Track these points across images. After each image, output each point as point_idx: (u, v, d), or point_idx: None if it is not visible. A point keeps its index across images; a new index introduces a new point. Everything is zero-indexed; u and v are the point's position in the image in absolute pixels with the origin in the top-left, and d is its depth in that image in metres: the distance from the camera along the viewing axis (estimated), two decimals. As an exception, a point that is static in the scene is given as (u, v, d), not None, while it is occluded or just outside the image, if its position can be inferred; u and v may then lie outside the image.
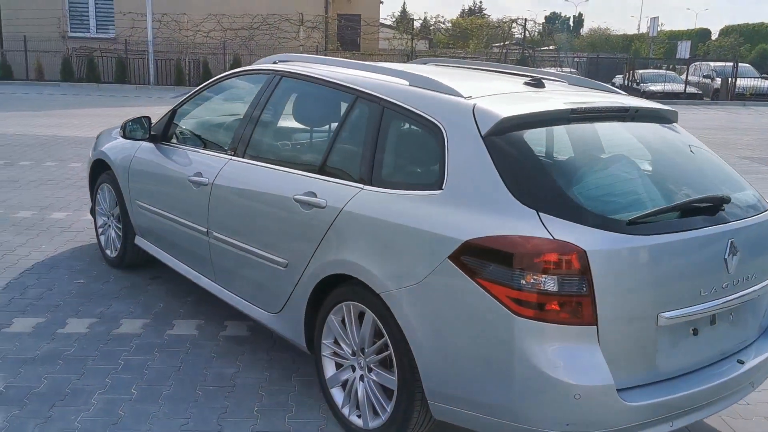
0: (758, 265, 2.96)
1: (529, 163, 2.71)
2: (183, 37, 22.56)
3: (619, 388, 2.53)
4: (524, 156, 2.72)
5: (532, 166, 2.71)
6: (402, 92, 3.14)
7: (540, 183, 2.64)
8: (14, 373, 3.54)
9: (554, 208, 2.55)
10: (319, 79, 3.60)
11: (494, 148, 2.71)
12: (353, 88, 3.35)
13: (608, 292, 2.49)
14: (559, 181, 2.68)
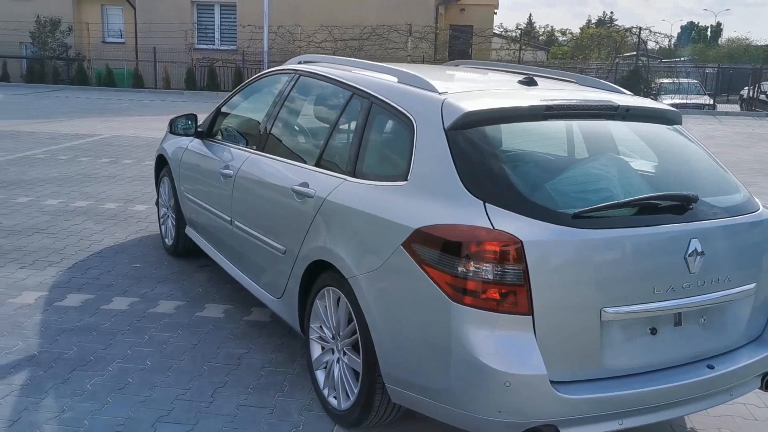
0: (732, 267, 2.85)
1: (483, 156, 2.76)
2: (296, 47, 23.49)
3: (556, 380, 2.54)
4: (480, 150, 2.78)
5: (487, 159, 2.76)
6: (387, 88, 3.27)
7: (491, 176, 2.70)
8: (51, 340, 3.96)
9: (501, 200, 2.60)
10: (326, 77, 3.79)
11: (454, 141, 2.79)
12: (350, 86, 3.52)
13: (545, 283, 2.51)
14: (511, 174, 2.72)
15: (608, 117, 3.16)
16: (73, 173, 8.78)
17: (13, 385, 3.42)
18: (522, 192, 2.65)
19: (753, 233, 2.98)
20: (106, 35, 27.26)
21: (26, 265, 5.19)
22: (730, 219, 2.90)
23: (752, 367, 2.95)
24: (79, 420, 3.15)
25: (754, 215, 3.01)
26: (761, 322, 3.10)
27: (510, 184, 2.67)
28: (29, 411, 3.20)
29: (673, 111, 3.36)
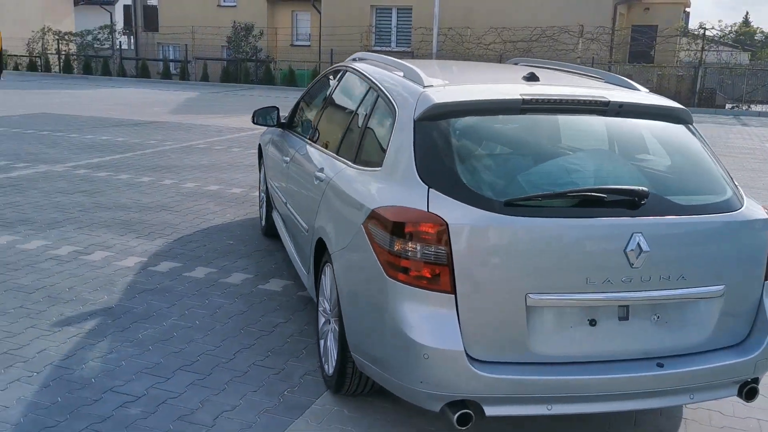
0: (688, 266, 2.77)
1: (439, 146, 2.92)
2: (465, 49, 23.79)
3: (479, 359, 2.66)
4: (439, 139, 2.94)
5: (441, 149, 2.91)
6: (390, 81, 3.51)
7: (440, 164, 2.86)
8: (130, 297, 4.63)
9: (444, 187, 2.77)
10: (359, 72, 4.10)
11: (419, 130, 2.98)
12: (369, 79, 3.80)
13: (469, 264, 2.64)
14: (458, 163, 2.86)
15: (599, 113, 3.15)
16: (220, 161, 9.78)
17: (82, 329, 4.10)
18: (463, 180, 2.79)
19: (722, 233, 2.87)
20: (295, 39, 29.33)
21: (141, 236, 6.01)
22: (691, 217, 2.82)
23: (716, 372, 2.84)
24: (118, 361, 3.73)
25: (726, 215, 2.89)
26: (742, 329, 2.96)
27: (454, 172, 2.82)
28: (84, 349, 3.84)
29: (680, 109, 3.26)
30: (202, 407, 3.31)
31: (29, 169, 8.70)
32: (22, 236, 5.85)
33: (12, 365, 3.62)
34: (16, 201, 7.02)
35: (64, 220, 6.38)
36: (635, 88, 3.48)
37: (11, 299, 4.49)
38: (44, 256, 5.35)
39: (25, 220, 6.35)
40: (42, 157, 9.49)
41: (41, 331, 4.04)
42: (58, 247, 5.60)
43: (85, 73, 27.23)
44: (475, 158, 2.98)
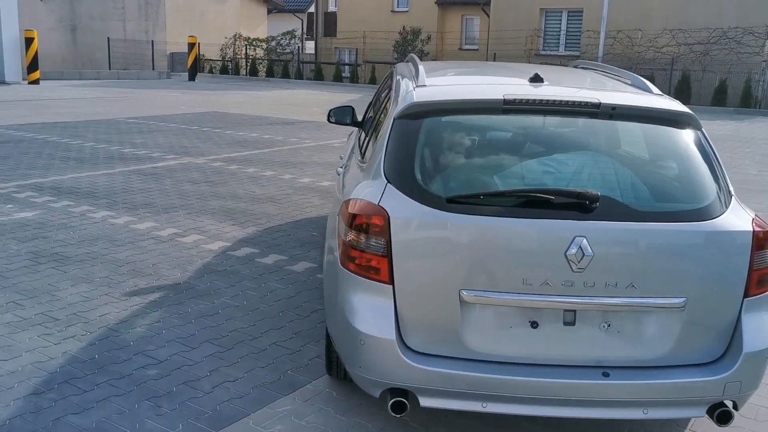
0: (641, 275, 2.65)
1: (405, 143, 3.01)
2: (634, 53, 22.62)
3: (415, 350, 2.73)
4: (406, 136, 3.03)
5: (406, 146, 3.00)
6: (400, 81, 3.63)
7: (402, 160, 2.95)
8: (198, 276, 5.12)
9: (399, 182, 2.88)
10: (394, 72, 4.24)
11: (395, 128, 3.10)
12: (394, 79, 3.94)
13: (407, 257, 2.72)
14: (420, 160, 2.93)
15: (590, 115, 3.06)
16: (334, 159, 10.25)
17: (145, 300, 4.62)
18: (417, 176, 2.86)
19: (686, 243, 2.68)
20: (463, 42, 29.54)
21: (237, 223, 6.55)
22: (647, 224, 2.67)
23: (677, 389, 2.68)
24: (159, 329, 4.18)
25: (695, 224, 2.70)
26: (715, 348, 2.76)
27: (411, 169, 2.90)
28: (137, 317, 4.34)
29: (683, 113, 3.07)
30: (209, 376, 3.64)
31: (174, 160, 9.69)
32: (138, 218, 6.60)
33: (74, 324, 4.19)
34: (149, 187, 7.90)
35: (180, 206, 7.10)
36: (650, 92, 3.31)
37: (101, 270, 5.14)
38: (147, 236, 6.03)
39: (148, 204, 7.15)
40: (191, 151, 10.51)
41: (112, 298, 4.61)
42: (163, 229, 6.27)
43: (267, 76, 29.33)
44: (436, 156, 3.03)
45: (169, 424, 3.19)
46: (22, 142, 10.68)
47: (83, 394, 3.41)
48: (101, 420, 3.19)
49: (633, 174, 2.99)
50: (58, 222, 6.34)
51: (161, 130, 12.68)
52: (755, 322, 2.79)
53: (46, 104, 16.06)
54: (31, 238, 5.81)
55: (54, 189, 7.61)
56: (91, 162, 9.27)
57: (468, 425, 3.26)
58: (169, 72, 29.03)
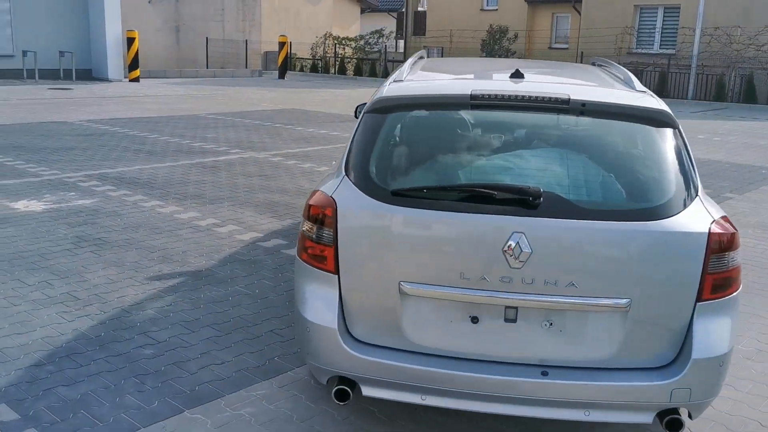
0: (582, 274, 2.58)
1: (366, 137, 3.04)
2: (732, 51, 21.44)
3: (359, 339, 2.78)
4: (369, 131, 3.06)
5: (366, 140, 3.03)
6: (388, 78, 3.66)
7: (360, 154, 2.99)
8: (221, 264, 5.32)
9: (354, 175, 2.93)
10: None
11: (363, 122, 3.14)
12: None
13: (351, 248, 2.77)
14: (376, 154, 2.96)
15: (559, 111, 3.00)
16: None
17: (164, 285, 4.86)
18: (370, 169, 2.89)
19: (632, 243, 2.59)
20: (553, 41, 28.92)
21: (276, 216, 6.74)
22: (590, 222, 2.59)
23: (620, 393, 2.61)
24: (167, 312, 4.38)
25: (643, 224, 2.60)
26: (665, 352, 2.66)
27: (366, 162, 2.93)
28: (151, 300, 4.57)
29: (656, 111, 2.96)
30: (198, 358, 3.80)
31: (237, 154, 10.05)
32: (183, 208, 6.91)
33: (92, 304, 4.46)
34: (204, 180, 8.24)
35: (227, 198, 7.37)
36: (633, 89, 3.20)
37: (134, 255, 5.43)
38: (187, 225, 6.31)
39: (198, 195, 7.46)
40: (256, 146, 10.85)
41: (134, 282, 4.87)
42: (203, 219, 6.54)
43: (355, 74, 29.75)
44: (393, 150, 3.04)
45: (146, 400, 3.36)
46: (104, 135, 11.34)
47: (79, 368, 3.64)
48: (86, 393, 3.40)
49: (590, 171, 2.91)
50: (110, 210, 6.73)
51: (235, 125, 13.14)
52: (708, 327, 2.66)
53: (138, 100, 16.96)
54: (80, 224, 6.20)
55: (117, 179, 8.07)
56: (160, 155, 9.75)
57: (432, 419, 3.26)
58: (261, 70, 29.94)
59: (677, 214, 2.67)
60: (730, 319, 2.74)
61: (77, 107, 14.95)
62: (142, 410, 3.27)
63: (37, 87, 19.00)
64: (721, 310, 2.70)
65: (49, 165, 8.73)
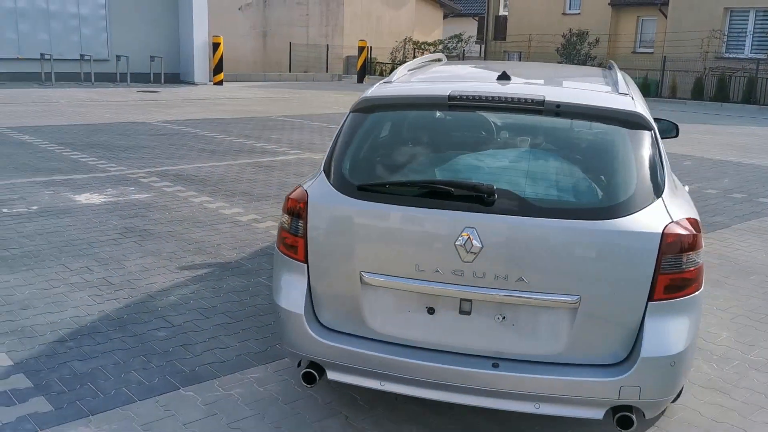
0: (531, 270, 2.66)
1: (346, 135, 3.20)
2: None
3: (326, 325, 2.94)
4: (350, 129, 3.21)
5: (345, 138, 3.18)
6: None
7: (338, 151, 3.15)
8: (251, 257, 5.57)
9: (329, 172, 3.09)
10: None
11: (348, 121, 3.29)
12: None
13: (319, 238, 2.94)
14: (352, 151, 3.12)
15: (534, 112, 3.06)
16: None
17: (193, 274, 5.15)
18: (344, 166, 3.05)
19: (582, 241, 2.63)
20: (637, 45, 28.13)
21: (315, 214, 6.97)
22: (541, 219, 2.66)
23: (569, 387, 2.66)
24: (189, 299, 4.66)
25: (594, 222, 2.63)
26: (617, 350, 2.68)
27: (341, 159, 3.08)
28: (177, 287, 4.87)
29: (629, 112, 2.98)
30: (205, 342, 4.04)
31: (295, 155, 10.38)
32: (230, 204, 7.25)
33: (122, 289, 4.80)
34: (256, 178, 8.58)
35: (273, 196, 7.67)
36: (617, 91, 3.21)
37: (172, 246, 5.77)
38: (228, 220, 6.62)
39: (246, 192, 7.80)
40: (315, 147, 11.17)
41: (166, 270, 5.19)
42: (246, 215, 6.85)
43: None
44: (367, 148, 3.17)
45: (147, 377, 3.62)
46: (176, 135, 11.94)
47: (95, 345, 3.95)
48: (97, 367, 3.70)
49: (553, 170, 2.96)
50: (162, 204, 7.14)
51: (301, 127, 13.53)
52: (659, 327, 2.67)
53: (217, 103, 17.68)
54: (131, 216, 6.63)
55: (175, 176, 8.52)
56: (221, 154, 10.20)
57: (411, 410, 3.37)
58: (341, 74, 30.52)
59: (631, 214, 2.69)
60: (688, 320, 2.73)
61: (159, 109, 15.75)
62: (142, 385, 3.53)
63: (128, 90, 20.08)
64: (676, 311, 2.70)
65: (118, 162, 9.30)
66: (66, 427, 3.14)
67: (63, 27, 22.12)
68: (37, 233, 5.97)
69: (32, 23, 21.47)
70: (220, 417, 3.28)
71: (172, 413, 3.30)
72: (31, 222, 6.31)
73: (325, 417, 3.32)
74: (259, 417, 3.29)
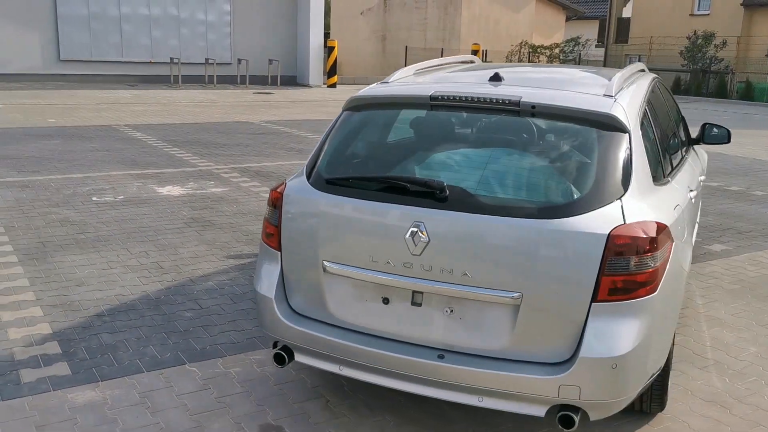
0: (474, 265, 2.75)
1: (331, 133, 3.36)
2: None
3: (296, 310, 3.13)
4: (337, 127, 3.38)
5: (331, 135, 3.36)
6: None
7: (319, 148, 3.33)
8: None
9: (308, 167, 3.28)
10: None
11: (339, 119, 3.46)
12: None
13: (289, 228, 3.14)
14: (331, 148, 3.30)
15: (511, 113, 3.10)
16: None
17: (237, 262, 5.48)
18: (321, 161, 3.23)
19: (526, 239, 2.67)
20: (772, 48, 26.33)
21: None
22: (485, 216, 2.72)
23: (510, 383, 2.71)
24: (224, 284, 4.98)
25: (539, 221, 2.66)
26: (561, 349, 2.69)
27: (319, 154, 3.26)
28: (218, 274, 5.21)
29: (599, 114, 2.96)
30: (224, 324, 4.33)
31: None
32: (296, 200, 7.58)
33: (169, 273, 5.20)
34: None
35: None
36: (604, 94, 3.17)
37: (227, 236, 6.15)
38: (289, 215, 6.95)
39: (317, 190, 8.10)
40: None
41: (215, 258, 5.56)
42: (308, 210, 7.15)
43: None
44: (345, 144, 3.32)
45: (162, 352, 3.94)
46: (271, 134, 12.53)
47: (127, 321, 4.34)
48: (121, 340, 4.07)
49: (513, 169, 2.99)
50: (233, 197, 7.59)
51: (394, 129, 13.78)
52: (602, 328, 2.64)
53: (324, 104, 18.32)
54: (201, 208, 7.10)
55: (255, 172, 8.99)
56: (307, 152, 10.61)
57: (394, 398, 3.48)
58: (455, 78, 30.59)
59: (580, 214, 2.68)
60: (638, 323, 2.68)
61: (266, 109, 16.53)
62: (154, 359, 3.86)
63: (245, 91, 21.19)
64: (622, 313, 2.66)
65: (209, 158, 9.92)
66: (75, 389, 3.51)
67: (191, 33, 23.65)
68: (114, 220, 6.54)
69: (164, 29, 23.11)
70: (211, 391, 3.54)
71: (171, 385, 3.59)
72: (113, 210, 6.91)
73: (307, 399, 3.50)
74: (246, 394, 3.53)
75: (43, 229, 6.18)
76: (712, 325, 4.57)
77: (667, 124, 4.23)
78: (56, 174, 8.49)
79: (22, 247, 5.66)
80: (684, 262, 3.11)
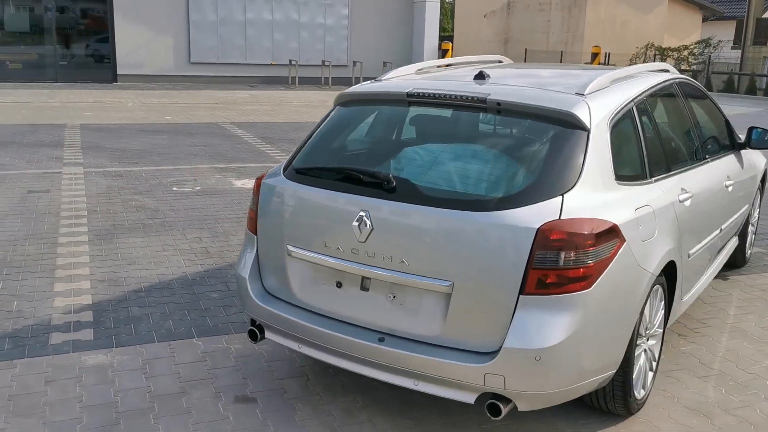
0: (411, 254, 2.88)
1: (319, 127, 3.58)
2: None
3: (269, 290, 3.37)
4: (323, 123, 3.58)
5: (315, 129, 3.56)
6: None
7: (303, 142, 3.56)
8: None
9: (289, 159, 3.50)
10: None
11: (328, 115, 3.66)
12: None
13: (264, 213, 3.39)
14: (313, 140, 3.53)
15: (479, 109, 3.20)
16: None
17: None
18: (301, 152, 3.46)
19: (458, 230, 2.78)
20: None
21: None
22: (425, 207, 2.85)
23: (441, 369, 2.81)
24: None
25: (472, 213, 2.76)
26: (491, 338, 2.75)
27: (300, 147, 3.50)
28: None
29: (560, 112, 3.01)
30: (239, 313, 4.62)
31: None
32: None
33: (212, 257, 5.60)
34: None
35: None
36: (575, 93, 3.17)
37: (279, 227, 6.49)
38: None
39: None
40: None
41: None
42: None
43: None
44: (325, 137, 3.51)
45: (177, 326, 4.30)
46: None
47: (159, 297, 4.74)
48: (147, 314, 4.47)
49: (460, 163, 3.07)
50: (300, 192, 7.94)
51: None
52: (527, 321, 2.68)
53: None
54: (267, 200, 7.50)
55: (332, 169, 9.33)
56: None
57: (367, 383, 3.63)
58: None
59: (514, 208, 2.73)
60: (568, 317, 2.68)
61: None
62: (169, 332, 4.22)
63: (355, 93, 21.75)
64: (549, 307, 2.68)
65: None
66: (90, 352, 3.91)
67: (310, 36, 24.62)
68: (184, 208, 7.07)
69: (285, 33, 24.21)
70: (205, 363, 3.84)
71: (174, 355, 3.93)
72: (187, 199, 7.46)
73: (290, 376, 3.72)
74: (235, 368, 3.80)
75: (120, 213, 6.80)
76: (734, 337, 4.35)
77: (676, 126, 4.10)
78: (151, 165, 9.23)
79: (95, 228, 6.27)
80: (645, 263, 3.04)
